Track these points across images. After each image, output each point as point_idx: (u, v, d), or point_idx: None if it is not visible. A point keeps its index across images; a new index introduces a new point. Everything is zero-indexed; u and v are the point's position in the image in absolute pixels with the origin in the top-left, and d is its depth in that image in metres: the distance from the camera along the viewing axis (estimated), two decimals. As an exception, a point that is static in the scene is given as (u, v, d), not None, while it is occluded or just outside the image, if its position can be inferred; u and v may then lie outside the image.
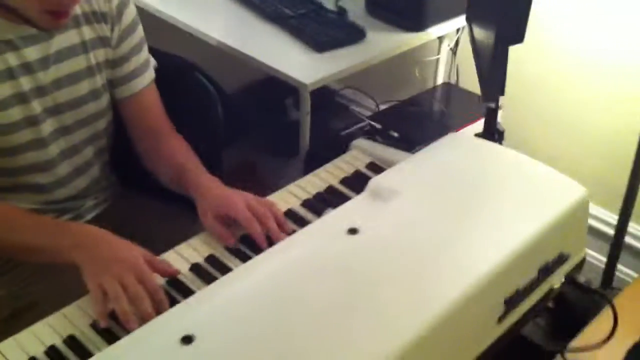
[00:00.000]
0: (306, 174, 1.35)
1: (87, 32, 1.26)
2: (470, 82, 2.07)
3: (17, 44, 1.18)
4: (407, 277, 0.97)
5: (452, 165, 1.20)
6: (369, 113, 2.19)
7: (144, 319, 0.98)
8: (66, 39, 1.24)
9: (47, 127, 1.26)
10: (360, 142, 1.46)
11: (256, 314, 0.90)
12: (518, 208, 1.10)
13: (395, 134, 1.76)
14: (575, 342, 1.26)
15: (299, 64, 1.78)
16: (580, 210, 1.16)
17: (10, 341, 0.99)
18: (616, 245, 1.77)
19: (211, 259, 1.14)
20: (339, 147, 1.76)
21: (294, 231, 1.17)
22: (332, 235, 1.04)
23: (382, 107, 2.08)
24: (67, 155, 1.32)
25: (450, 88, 2.07)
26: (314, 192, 1.31)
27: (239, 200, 1.18)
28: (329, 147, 1.80)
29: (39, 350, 0.97)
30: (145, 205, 1.49)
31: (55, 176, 1.31)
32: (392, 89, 2.22)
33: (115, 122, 1.41)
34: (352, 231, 1.04)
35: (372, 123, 1.79)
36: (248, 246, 1.16)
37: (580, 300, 1.39)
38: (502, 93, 1.48)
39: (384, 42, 1.89)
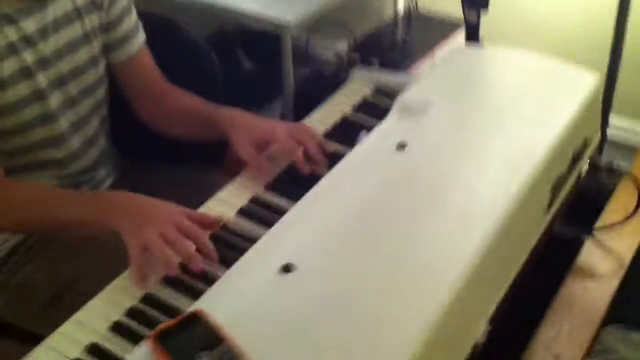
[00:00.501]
0: (300, 109, 1.34)
1: (79, -2, 1.22)
2: (427, 6, 2.11)
3: (15, 17, 1.13)
4: (469, 177, 1.00)
5: (471, 75, 1.24)
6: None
7: (188, 262, 0.97)
8: (60, 6, 1.19)
9: (54, 100, 1.22)
10: (359, 71, 1.47)
11: (344, 236, 0.91)
12: (546, 104, 1.15)
13: (376, 60, 1.78)
14: (600, 222, 1.34)
15: (272, 5, 1.76)
16: (596, 95, 1.21)
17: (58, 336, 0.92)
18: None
19: (255, 200, 1.14)
20: (329, 84, 1.77)
21: (333, 153, 1.18)
22: (384, 153, 1.05)
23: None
24: (76, 127, 1.28)
25: (411, 14, 2.10)
26: (330, 122, 1.32)
27: (277, 126, 1.18)
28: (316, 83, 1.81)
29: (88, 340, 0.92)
30: (154, 171, 1.46)
31: (68, 150, 1.28)
32: (357, 24, 2.22)
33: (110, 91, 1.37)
34: (401, 146, 1.06)
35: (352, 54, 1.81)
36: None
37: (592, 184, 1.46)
38: (485, 6, 1.51)
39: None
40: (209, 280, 0.95)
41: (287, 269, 0.86)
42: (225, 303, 0.84)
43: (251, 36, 2.15)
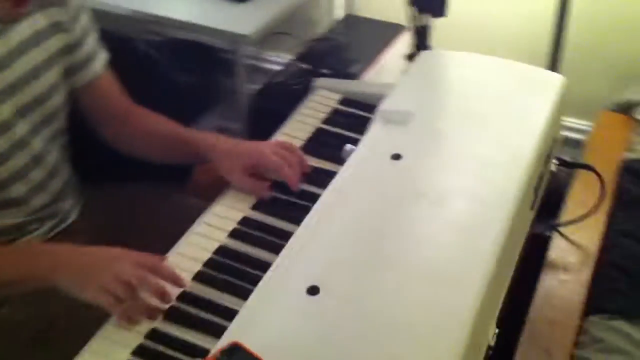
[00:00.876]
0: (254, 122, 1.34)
1: (41, 20, 1.16)
2: (369, 10, 2.13)
3: (-23, 44, 1.07)
4: (470, 184, 1.02)
5: (446, 79, 1.26)
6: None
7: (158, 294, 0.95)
8: (23, 30, 1.13)
9: (19, 130, 1.15)
10: (323, 81, 1.47)
11: (362, 251, 0.91)
12: (524, 105, 1.18)
13: (327, 71, 1.78)
14: (564, 217, 1.40)
15: (226, 18, 1.73)
16: (563, 96, 1.26)
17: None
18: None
19: (246, 221, 1.13)
20: (285, 94, 1.76)
21: (315, 168, 1.21)
22: (381, 165, 1.06)
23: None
24: (38, 159, 1.21)
25: (352, 19, 2.12)
26: (304, 136, 1.32)
27: (265, 148, 1.17)
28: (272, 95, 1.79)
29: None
30: (121, 195, 1.41)
31: (29, 184, 1.21)
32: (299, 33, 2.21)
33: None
34: (396, 157, 1.07)
35: (301, 64, 1.80)
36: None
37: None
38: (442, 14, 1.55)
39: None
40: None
41: (313, 290, 0.86)
42: (258, 332, 0.82)
43: (179, 46, 2.11)
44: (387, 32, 1.99)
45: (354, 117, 1.37)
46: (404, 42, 2.01)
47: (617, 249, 1.31)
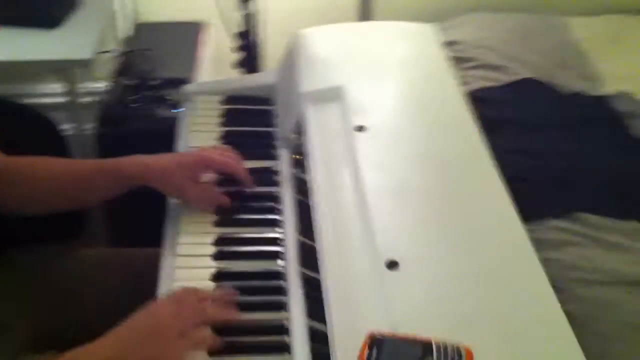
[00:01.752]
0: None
1: None
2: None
3: None
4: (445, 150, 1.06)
5: (344, 52, 1.27)
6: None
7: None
8: None
9: None
10: (190, 88, 1.39)
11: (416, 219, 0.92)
12: (423, 58, 1.26)
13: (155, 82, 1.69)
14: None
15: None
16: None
17: None
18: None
19: (221, 241, 1.05)
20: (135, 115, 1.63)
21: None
22: (353, 138, 1.05)
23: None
24: None
25: (145, 26, 2.00)
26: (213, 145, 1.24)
27: (206, 152, 1.10)
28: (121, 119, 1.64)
29: None
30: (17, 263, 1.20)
31: None
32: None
33: None
34: (360, 129, 1.07)
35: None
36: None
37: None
38: None
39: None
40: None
41: (392, 265, 0.84)
42: (360, 316, 0.79)
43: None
44: (188, 31, 1.93)
45: (249, 112, 1.32)
46: (211, 37, 1.97)
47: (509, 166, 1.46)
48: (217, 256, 1.02)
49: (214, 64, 1.89)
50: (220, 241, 1.04)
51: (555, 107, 1.64)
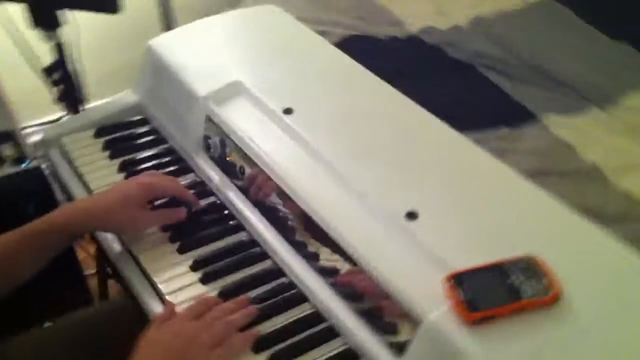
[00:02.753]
0: None
1: None
2: None
3: None
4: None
5: (214, 48, 1.25)
6: None
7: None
8: None
9: None
10: (51, 132, 1.26)
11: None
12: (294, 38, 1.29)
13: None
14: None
15: None
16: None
17: None
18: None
19: (197, 264, 1.00)
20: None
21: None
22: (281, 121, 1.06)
23: None
24: None
25: None
26: (119, 178, 1.16)
27: (148, 179, 1.04)
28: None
29: None
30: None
31: None
32: None
33: None
34: (288, 111, 1.07)
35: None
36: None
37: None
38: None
39: None
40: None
41: (411, 215, 0.88)
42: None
43: None
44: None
45: (132, 137, 1.25)
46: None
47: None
48: (205, 280, 0.98)
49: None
50: (197, 264, 1.00)
51: (400, 54, 1.75)
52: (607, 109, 1.59)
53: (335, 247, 0.90)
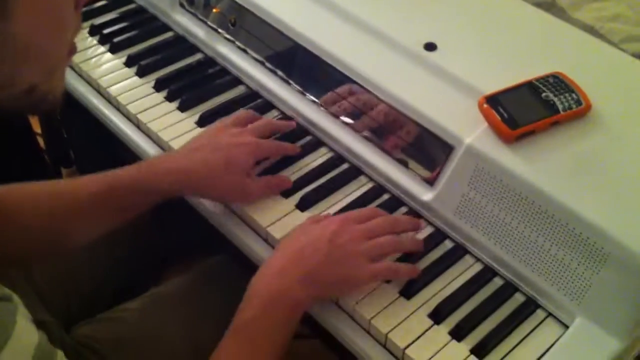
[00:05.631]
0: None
1: None
2: None
3: None
4: None
5: None
6: None
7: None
8: None
9: None
10: None
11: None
12: None
13: None
14: None
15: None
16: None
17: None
18: None
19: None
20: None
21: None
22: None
23: None
24: None
25: None
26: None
27: (251, 140, 0.87)
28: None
29: None
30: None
31: None
32: None
33: None
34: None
35: None
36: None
37: None
38: None
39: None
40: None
41: (431, 47, 0.88)
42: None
43: None
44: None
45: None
46: None
47: None
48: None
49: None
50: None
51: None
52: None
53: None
